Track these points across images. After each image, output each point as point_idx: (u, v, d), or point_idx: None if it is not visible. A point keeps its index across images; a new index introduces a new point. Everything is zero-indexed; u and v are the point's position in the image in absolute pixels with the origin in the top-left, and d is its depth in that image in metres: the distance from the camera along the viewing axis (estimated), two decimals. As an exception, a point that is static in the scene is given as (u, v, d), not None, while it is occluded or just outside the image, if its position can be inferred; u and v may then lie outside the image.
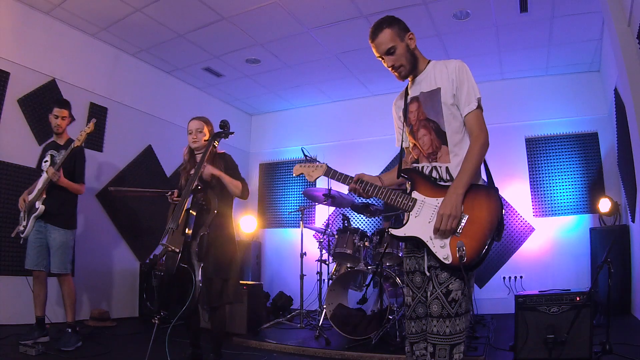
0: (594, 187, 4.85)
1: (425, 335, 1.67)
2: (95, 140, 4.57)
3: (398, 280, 3.82)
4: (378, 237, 4.05)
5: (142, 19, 4.22)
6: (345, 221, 4.51)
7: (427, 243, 1.61)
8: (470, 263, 1.54)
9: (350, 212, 5.45)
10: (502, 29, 4.38)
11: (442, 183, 1.70)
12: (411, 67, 1.78)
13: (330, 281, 4.00)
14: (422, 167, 1.78)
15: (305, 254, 4.49)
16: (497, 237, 1.60)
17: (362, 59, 5.03)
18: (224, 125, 2.72)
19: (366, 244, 3.95)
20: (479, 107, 1.69)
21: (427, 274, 1.67)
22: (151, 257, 4.88)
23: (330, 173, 1.87)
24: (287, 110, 6.75)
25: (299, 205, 5.80)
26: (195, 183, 2.52)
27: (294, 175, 2.01)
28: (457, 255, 1.53)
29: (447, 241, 1.58)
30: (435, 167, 1.74)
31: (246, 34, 4.52)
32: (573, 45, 4.59)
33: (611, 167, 4.76)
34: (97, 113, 4.57)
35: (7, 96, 3.81)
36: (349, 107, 6.31)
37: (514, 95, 5.34)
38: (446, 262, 1.56)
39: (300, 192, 5.95)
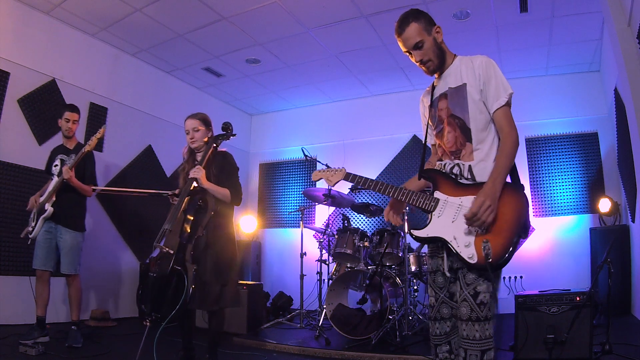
0: (594, 187, 4.85)
1: (449, 338, 1.65)
2: (95, 140, 4.57)
3: (398, 280, 3.82)
4: (378, 237, 4.05)
5: (142, 19, 4.22)
6: (345, 221, 4.51)
7: (451, 243, 1.56)
8: (497, 262, 1.48)
9: (350, 212, 5.45)
10: (502, 29, 4.38)
11: (463, 181, 1.66)
12: (439, 61, 1.75)
13: (330, 281, 4.00)
14: (445, 165, 1.74)
15: (305, 254, 4.49)
16: (524, 234, 1.55)
17: (362, 59, 5.00)
18: (227, 127, 2.65)
19: (366, 244, 3.95)
20: (508, 103, 1.65)
21: (448, 274, 1.65)
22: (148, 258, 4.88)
23: (350, 177, 1.83)
24: (287, 110, 6.75)
25: (299, 205, 5.80)
26: (194, 184, 2.50)
27: (313, 180, 1.96)
28: (483, 254, 1.48)
29: (472, 240, 1.53)
30: (457, 164, 1.70)
31: (246, 34, 4.52)
32: (573, 45, 4.59)
33: (611, 167, 4.76)
34: (97, 113, 4.57)
35: (7, 96, 3.81)
36: (349, 107, 6.31)
37: (514, 95, 5.29)
38: (471, 261, 1.51)
39: (300, 192, 5.95)
